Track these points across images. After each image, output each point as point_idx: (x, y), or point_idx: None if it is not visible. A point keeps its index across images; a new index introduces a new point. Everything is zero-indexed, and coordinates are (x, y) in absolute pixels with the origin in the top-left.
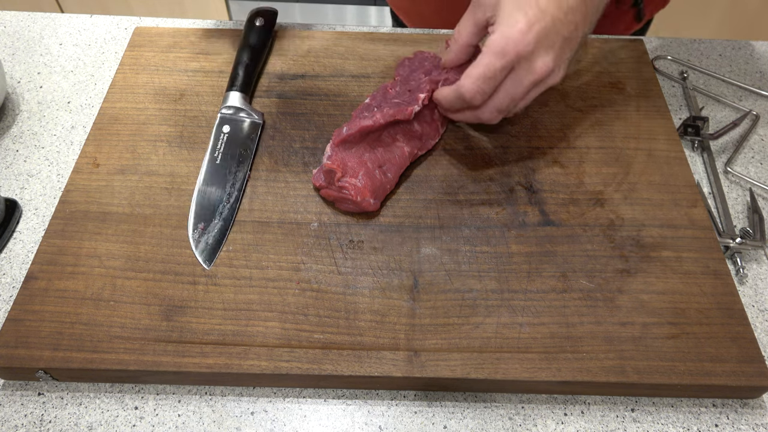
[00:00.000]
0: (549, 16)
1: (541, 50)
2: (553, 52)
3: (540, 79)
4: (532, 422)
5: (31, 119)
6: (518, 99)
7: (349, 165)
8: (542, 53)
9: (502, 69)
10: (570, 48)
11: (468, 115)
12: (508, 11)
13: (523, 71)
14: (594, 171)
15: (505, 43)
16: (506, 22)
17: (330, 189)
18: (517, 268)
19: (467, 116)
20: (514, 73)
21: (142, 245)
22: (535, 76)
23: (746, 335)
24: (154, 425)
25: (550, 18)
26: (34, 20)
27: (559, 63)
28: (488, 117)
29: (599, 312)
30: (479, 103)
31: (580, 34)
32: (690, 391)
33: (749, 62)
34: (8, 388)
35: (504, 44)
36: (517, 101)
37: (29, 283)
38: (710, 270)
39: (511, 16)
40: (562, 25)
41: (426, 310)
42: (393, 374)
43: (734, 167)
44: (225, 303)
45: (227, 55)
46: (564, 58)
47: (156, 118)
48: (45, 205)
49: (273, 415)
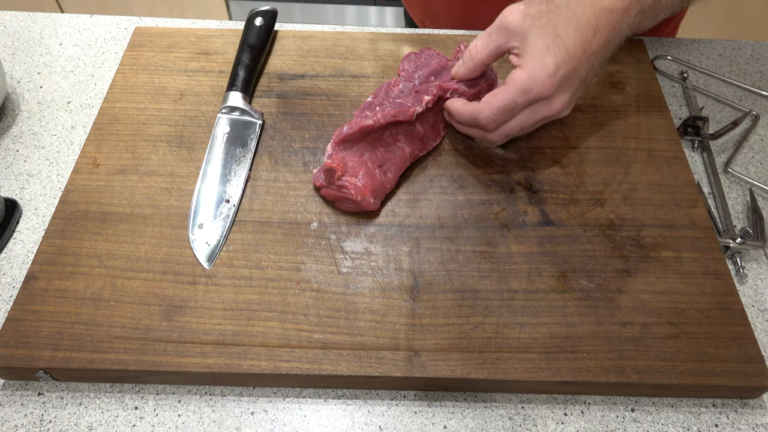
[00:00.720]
0: (575, 60)
1: (562, 91)
2: (571, 92)
3: (554, 115)
4: (532, 422)
5: (31, 119)
6: (527, 128)
7: (350, 164)
8: (562, 93)
9: (523, 105)
10: (584, 86)
11: (474, 132)
12: (537, 50)
13: (540, 107)
14: (594, 171)
15: (533, 83)
16: (535, 61)
17: (330, 188)
18: (517, 268)
19: (473, 132)
20: (532, 107)
21: (142, 245)
22: (551, 113)
23: (746, 335)
24: (154, 425)
25: (576, 62)
26: (34, 20)
27: (572, 101)
28: (494, 139)
29: (599, 312)
30: (491, 130)
31: (593, 75)
32: (690, 391)
33: (749, 62)
34: (8, 388)
35: (531, 85)
36: (526, 130)
37: (29, 283)
38: (710, 270)
39: (542, 56)
40: (583, 68)
41: (426, 310)
42: (393, 374)
43: (734, 167)
44: (225, 303)
45: (227, 55)
46: (576, 96)
47: (156, 118)
48: (45, 205)
49: (273, 415)
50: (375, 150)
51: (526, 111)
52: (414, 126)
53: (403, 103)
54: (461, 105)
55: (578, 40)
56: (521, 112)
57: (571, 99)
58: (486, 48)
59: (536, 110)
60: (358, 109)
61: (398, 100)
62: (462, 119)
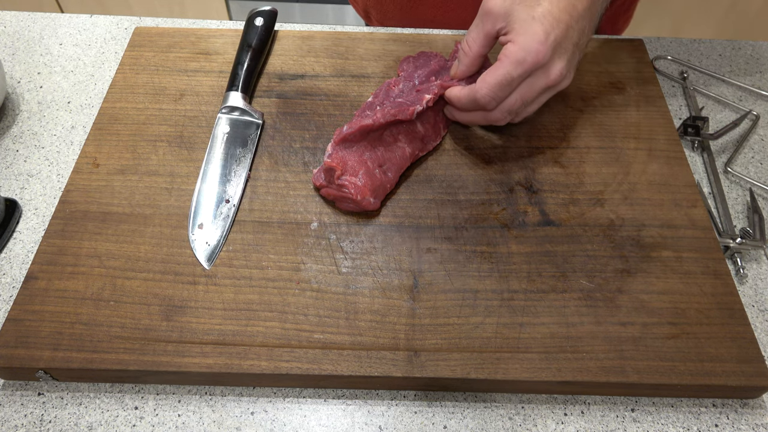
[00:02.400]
0: (563, 24)
1: (556, 57)
2: (566, 58)
3: (553, 84)
4: (532, 422)
5: (31, 119)
6: (529, 101)
7: (350, 163)
8: (557, 60)
9: (519, 77)
10: (579, 52)
11: (477, 117)
12: (524, 21)
13: (538, 77)
14: (594, 171)
15: (525, 53)
16: (524, 32)
17: (330, 188)
18: (517, 268)
19: (476, 117)
20: (530, 78)
21: (142, 245)
22: (549, 81)
23: (746, 335)
24: (154, 425)
25: (564, 26)
26: (34, 20)
27: (570, 68)
28: (498, 117)
29: (599, 312)
30: (492, 108)
31: (586, 39)
32: (690, 391)
33: (749, 62)
34: (8, 388)
35: (524, 54)
36: (529, 104)
37: (29, 283)
38: (710, 270)
39: (529, 26)
40: (573, 32)
41: (426, 310)
42: (393, 374)
43: (734, 167)
44: (225, 303)
45: (227, 55)
46: (574, 63)
47: (156, 118)
48: (45, 205)
49: (273, 415)
50: (375, 149)
51: (525, 83)
52: (414, 125)
53: (403, 102)
54: (458, 90)
55: (562, 5)
56: (519, 86)
57: (568, 65)
58: (477, 39)
59: (535, 81)
60: (359, 109)
61: (399, 99)
62: (461, 104)
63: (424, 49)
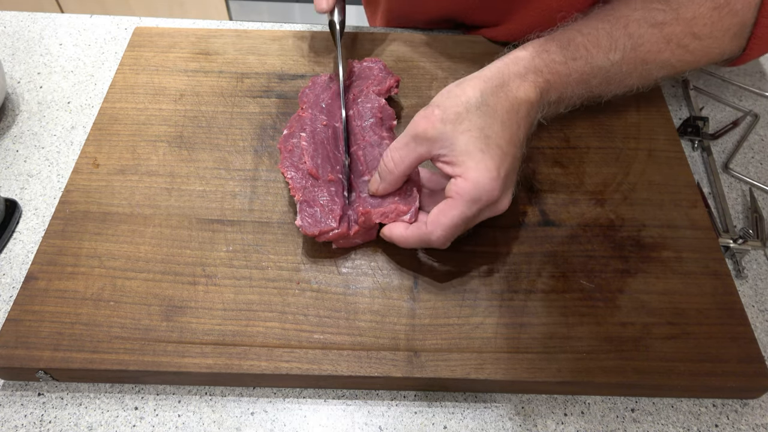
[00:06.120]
0: (510, 156)
1: (506, 190)
2: (513, 188)
3: (496, 214)
4: (532, 422)
5: (31, 119)
6: (471, 226)
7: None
8: (507, 193)
9: (474, 215)
10: (517, 176)
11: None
12: (472, 156)
13: (487, 210)
14: (594, 171)
15: (480, 192)
16: (475, 167)
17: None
18: (517, 268)
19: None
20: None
21: (142, 245)
22: (495, 212)
23: (746, 335)
24: (154, 425)
25: (511, 157)
26: (34, 20)
27: (512, 195)
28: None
29: (599, 312)
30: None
31: (521, 164)
32: (690, 391)
33: (749, 62)
34: (8, 388)
35: (479, 193)
36: (469, 228)
37: (29, 283)
38: (710, 270)
39: (480, 161)
40: (517, 162)
41: (426, 310)
42: (393, 374)
43: (734, 167)
44: (225, 303)
45: (227, 55)
46: (514, 189)
47: (156, 118)
48: (45, 205)
49: (273, 415)
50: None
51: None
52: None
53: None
54: (403, 231)
55: (507, 136)
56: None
57: (511, 195)
58: (405, 159)
59: (483, 214)
60: (280, 142)
61: (318, 128)
62: (410, 245)
63: (424, 49)
